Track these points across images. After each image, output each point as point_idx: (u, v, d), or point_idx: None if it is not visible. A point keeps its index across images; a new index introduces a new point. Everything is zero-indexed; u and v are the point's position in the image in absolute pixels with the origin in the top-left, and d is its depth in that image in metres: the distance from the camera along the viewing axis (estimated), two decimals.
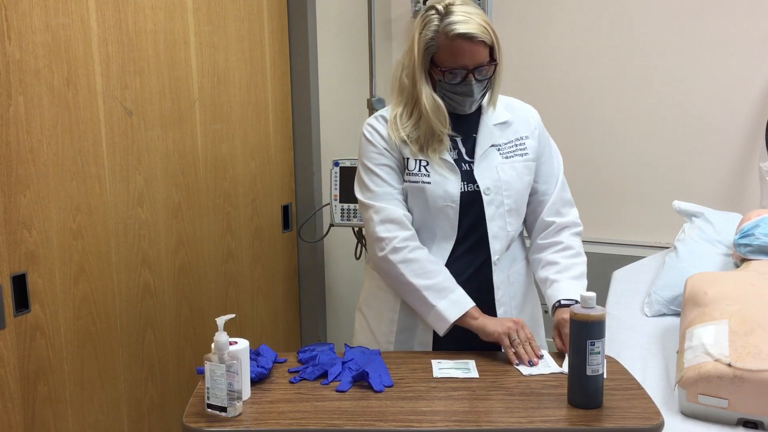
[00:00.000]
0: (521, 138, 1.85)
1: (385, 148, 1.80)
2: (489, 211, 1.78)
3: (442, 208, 1.77)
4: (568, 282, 1.80)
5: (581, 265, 1.86)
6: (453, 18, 1.68)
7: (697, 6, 2.92)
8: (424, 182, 1.77)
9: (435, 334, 1.79)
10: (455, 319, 1.71)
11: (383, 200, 1.78)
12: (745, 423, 1.64)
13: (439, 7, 1.71)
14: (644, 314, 2.33)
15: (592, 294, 1.43)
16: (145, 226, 2.19)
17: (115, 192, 2.09)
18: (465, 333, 1.75)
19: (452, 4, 1.70)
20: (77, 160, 1.96)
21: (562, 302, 1.76)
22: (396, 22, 3.47)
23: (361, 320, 1.94)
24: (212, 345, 1.42)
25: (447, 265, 1.78)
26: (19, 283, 1.82)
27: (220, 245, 2.51)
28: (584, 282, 1.84)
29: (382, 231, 1.76)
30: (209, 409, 1.42)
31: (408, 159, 1.79)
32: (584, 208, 3.21)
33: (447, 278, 1.75)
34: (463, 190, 1.77)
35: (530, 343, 1.68)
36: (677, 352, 1.85)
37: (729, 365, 1.63)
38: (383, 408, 1.45)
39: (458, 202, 1.77)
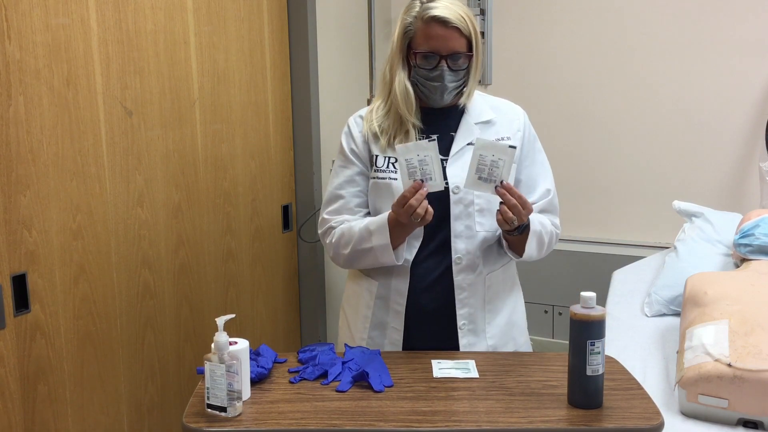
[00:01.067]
0: (501, 138, 1.83)
1: (353, 151, 1.86)
2: (455, 210, 1.78)
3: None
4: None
5: (548, 223, 1.82)
6: (432, 4, 1.73)
7: (697, 6, 2.92)
8: (390, 178, 1.79)
9: (405, 332, 1.83)
10: (389, 240, 1.73)
11: (338, 216, 1.86)
12: (745, 423, 1.64)
13: None
14: (644, 314, 2.34)
15: (592, 294, 1.43)
16: (145, 226, 2.19)
17: (115, 192, 2.08)
18: (437, 332, 1.80)
19: None
20: (77, 160, 1.96)
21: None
22: (396, 22, 3.47)
23: (343, 318, 1.99)
24: (212, 345, 1.42)
25: (416, 263, 1.80)
26: (19, 283, 1.82)
27: (220, 245, 2.51)
28: (541, 225, 1.78)
29: (323, 236, 1.88)
30: (209, 409, 1.42)
31: (377, 156, 1.82)
32: (584, 208, 3.23)
33: (364, 224, 1.78)
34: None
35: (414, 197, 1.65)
36: (677, 352, 1.85)
37: (729, 365, 1.63)
38: (383, 408, 1.45)
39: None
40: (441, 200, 1.77)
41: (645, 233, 3.12)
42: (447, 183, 1.77)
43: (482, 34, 3.26)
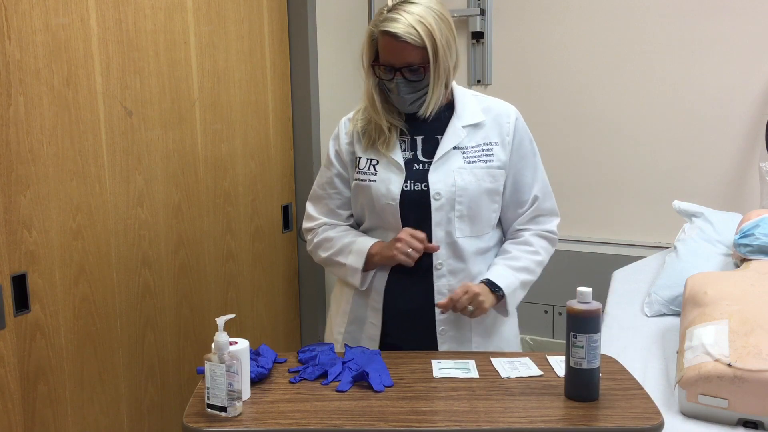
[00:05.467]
0: (490, 143, 1.81)
1: (337, 154, 1.89)
2: (436, 216, 1.78)
3: (384, 206, 1.79)
4: (504, 268, 1.80)
5: (530, 261, 1.83)
6: (389, 15, 1.70)
7: (697, 6, 2.92)
8: (370, 180, 1.81)
9: (384, 329, 1.84)
10: (362, 266, 1.79)
11: (323, 216, 1.93)
12: (745, 423, 1.64)
13: (390, 2, 1.74)
14: (644, 314, 2.34)
15: (586, 289, 1.45)
16: (145, 226, 2.19)
17: (115, 192, 2.08)
18: (416, 332, 1.82)
19: (405, 2, 1.71)
20: (77, 160, 1.96)
21: (487, 280, 1.77)
22: None
23: (329, 315, 2.03)
24: (212, 345, 1.42)
25: (395, 268, 1.81)
26: (19, 283, 1.82)
27: (220, 245, 2.51)
28: (523, 277, 1.81)
29: (306, 234, 1.96)
30: (209, 409, 1.42)
31: (360, 158, 1.84)
32: (584, 208, 3.23)
33: (349, 239, 1.84)
34: (407, 188, 1.78)
35: (417, 239, 1.73)
36: (677, 352, 1.85)
37: (729, 365, 1.63)
38: (383, 408, 1.45)
39: (398, 200, 1.77)
40: (422, 205, 1.78)
41: (645, 233, 3.12)
42: (428, 186, 1.77)
43: (482, 34, 3.27)
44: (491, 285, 1.76)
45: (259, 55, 2.66)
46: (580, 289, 1.45)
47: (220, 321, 1.44)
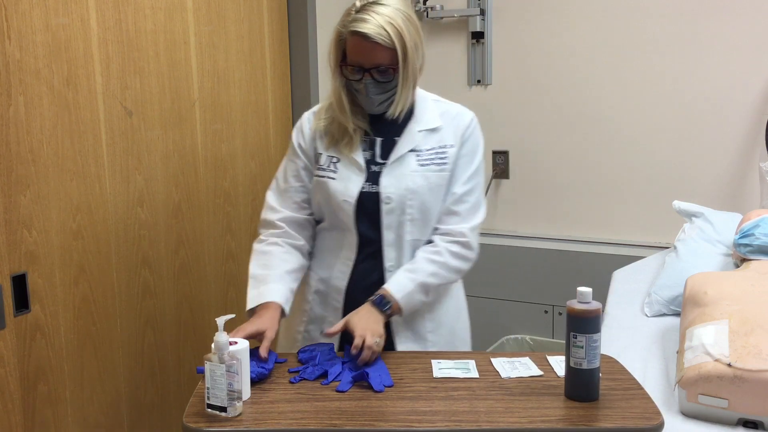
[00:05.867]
0: (445, 146, 1.81)
1: (300, 146, 1.87)
2: (387, 219, 1.78)
3: (340, 203, 1.79)
4: (402, 274, 1.76)
5: (428, 275, 1.77)
6: (358, 15, 1.69)
7: (697, 6, 2.92)
8: (329, 177, 1.80)
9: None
10: (249, 307, 1.76)
11: (285, 210, 1.87)
12: (745, 423, 1.64)
13: (359, 3, 1.72)
14: (644, 314, 2.33)
15: (586, 289, 1.45)
16: (145, 226, 2.19)
17: (115, 192, 2.08)
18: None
19: (374, 3, 1.70)
20: (77, 160, 1.96)
21: (382, 291, 1.73)
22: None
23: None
24: (212, 345, 1.42)
25: (356, 264, 1.81)
26: (19, 283, 1.82)
27: (220, 245, 2.51)
28: (421, 280, 1.75)
29: (264, 226, 1.90)
30: (209, 409, 1.42)
31: (321, 154, 1.83)
32: (584, 208, 3.23)
33: (275, 273, 1.78)
34: (364, 189, 1.78)
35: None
36: (677, 352, 1.85)
37: (729, 365, 1.63)
38: (383, 408, 1.45)
39: (355, 199, 1.77)
40: (374, 208, 1.78)
41: (645, 233, 3.12)
42: (379, 189, 1.77)
43: (482, 34, 3.27)
44: (379, 304, 1.73)
45: (259, 55, 2.66)
46: (580, 289, 1.45)
47: (220, 321, 1.44)
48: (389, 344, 1.81)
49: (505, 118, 3.27)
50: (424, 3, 3.32)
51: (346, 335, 1.74)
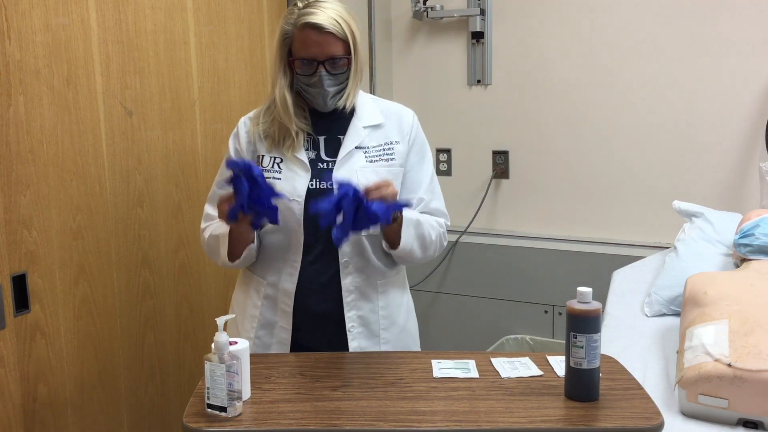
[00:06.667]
0: (391, 143, 1.85)
1: (237, 152, 1.87)
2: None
3: (288, 203, 1.79)
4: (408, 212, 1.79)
5: (427, 218, 1.83)
6: (306, 10, 1.73)
7: (697, 6, 2.92)
8: (275, 178, 1.80)
9: (295, 332, 1.83)
10: (226, 231, 1.77)
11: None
12: (745, 423, 1.64)
13: (300, 4, 1.76)
14: (644, 314, 2.34)
15: (586, 289, 1.45)
16: (145, 226, 2.19)
17: (115, 192, 2.08)
18: (327, 333, 1.83)
19: (315, 1, 1.74)
20: (77, 160, 1.96)
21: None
22: (396, 22, 3.47)
23: (231, 319, 1.98)
24: (212, 345, 1.42)
25: (305, 266, 1.81)
26: (19, 283, 1.82)
27: None
28: (425, 218, 1.81)
29: (202, 231, 1.91)
30: (209, 409, 1.42)
31: (263, 156, 1.83)
32: (584, 208, 3.23)
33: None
34: (312, 186, 1.79)
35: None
36: (677, 352, 1.86)
37: (729, 365, 1.63)
38: (383, 408, 1.45)
39: (303, 197, 1.78)
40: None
41: (645, 233, 3.12)
42: (332, 184, 1.78)
43: (482, 34, 3.27)
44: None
45: (259, 55, 2.66)
46: (580, 289, 1.46)
47: (220, 321, 1.44)
48: (342, 341, 1.83)
49: (505, 118, 3.27)
50: (424, 3, 3.32)
51: (298, 345, 1.81)
